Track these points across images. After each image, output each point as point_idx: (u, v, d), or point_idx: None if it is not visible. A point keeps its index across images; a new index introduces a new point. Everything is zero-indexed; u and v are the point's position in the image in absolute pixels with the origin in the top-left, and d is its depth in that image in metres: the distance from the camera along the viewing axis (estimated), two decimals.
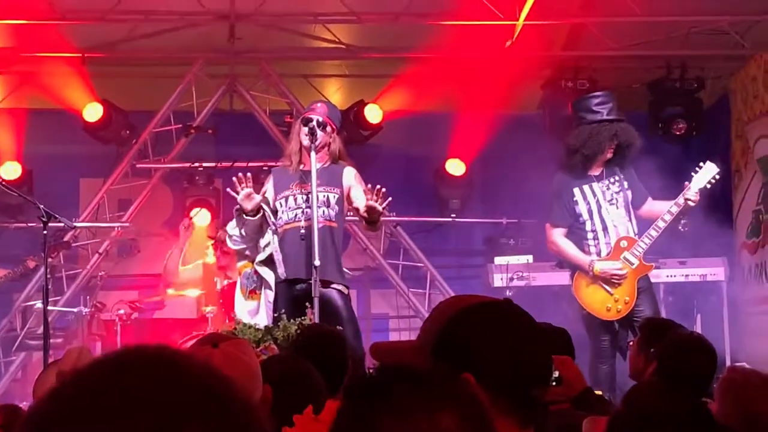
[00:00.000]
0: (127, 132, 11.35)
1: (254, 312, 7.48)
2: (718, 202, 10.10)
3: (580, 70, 11.21)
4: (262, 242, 7.56)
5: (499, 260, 10.60)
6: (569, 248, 8.20)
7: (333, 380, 4.16)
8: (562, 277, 9.10)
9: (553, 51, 11.25)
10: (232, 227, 7.64)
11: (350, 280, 11.37)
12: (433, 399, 1.64)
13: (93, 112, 11.03)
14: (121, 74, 11.60)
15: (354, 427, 1.66)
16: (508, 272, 10.17)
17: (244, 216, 7.40)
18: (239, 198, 7.30)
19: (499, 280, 10.27)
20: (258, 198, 7.40)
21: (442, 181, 11.82)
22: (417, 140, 11.50)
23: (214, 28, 10.87)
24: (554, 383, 3.57)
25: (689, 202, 8.04)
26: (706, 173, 8.09)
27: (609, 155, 8.18)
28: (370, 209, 7.19)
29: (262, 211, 7.41)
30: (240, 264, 7.74)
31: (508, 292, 9.74)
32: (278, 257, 7.45)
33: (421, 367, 1.77)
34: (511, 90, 10.85)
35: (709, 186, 8.11)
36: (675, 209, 8.07)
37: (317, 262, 7.09)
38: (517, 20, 10.15)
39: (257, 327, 6.77)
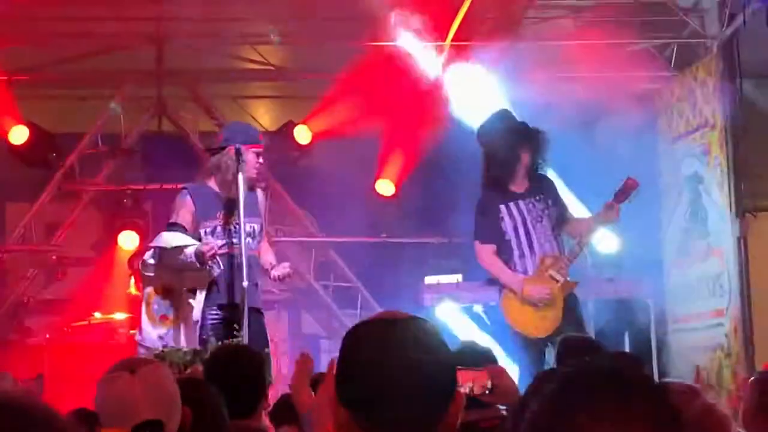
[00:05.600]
0: (54, 155, 11.23)
1: (167, 336, 7.42)
2: (646, 219, 10.21)
3: None
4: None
5: (429, 279, 10.62)
6: (498, 267, 8.24)
7: (245, 401, 4.13)
8: (491, 296, 9.15)
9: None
10: (150, 256, 7.56)
11: (280, 300, 11.40)
12: (631, 407, 1.65)
13: (19, 134, 10.90)
14: (47, 96, 11.49)
15: (550, 420, 1.67)
16: (439, 291, 10.20)
17: (192, 260, 7.28)
18: (217, 251, 7.20)
19: (429, 300, 10.28)
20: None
21: (372, 201, 11.84)
22: (347, 161, 11.50)
23: (142, 49, 10.82)
24: (487, 392, 3.61)
25: (611, 219, 8.14)
26: (627, 189, 8.17)
27: (525, 160, 8.20)
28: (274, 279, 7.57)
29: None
30: (148, 290, 7.63)
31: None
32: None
33: (626, 372, 1.75)
34: (440, 110, 10.91)
35: (629, 202, 8.19)
36: (597, 226, 8.17)
37: (245, 283, 7.14)
38: (444, 41, 10.23)
39: (185, 350, 6.74)
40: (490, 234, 8.23)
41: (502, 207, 8.21)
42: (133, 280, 10.27)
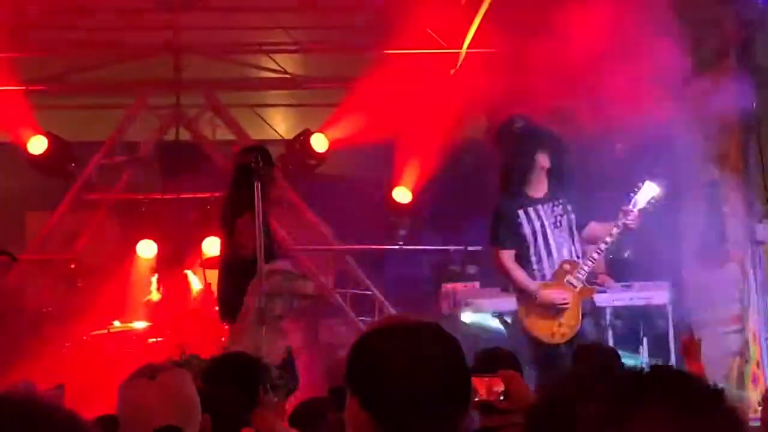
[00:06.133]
0: (72, 164, 11.28)
1: None
2: (663, 224, 10.19)
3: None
4: None
5: (446, 287, 10.64)
6: (516, 272, 8.21)
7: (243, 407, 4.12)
8: (509, 303, 9.14)
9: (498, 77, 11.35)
10: None
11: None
12: (690, 417, 1.59)
13: (38, 145, 10.96)
14: (65, 106, 11.55)
15: (610, 425, 1.62)
16: (456, 298, 10.21)
17: None
18: None
19: (446, 307, 10.29)
20: None
21: (389, 209, 11.85)
22: (363, 169, 11.55)
23: (160, 59, 10.87)
24: (501, 398, 3.61)
25: (629, 225, 8.10)
26: (646, 193, 8.13)
27: (544, 164, 8.18)
28: None
29: None
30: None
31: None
32: None
33: (694, 381, 1.68)
34: (456, 117, 10.93)
35: (649, 207, 8.16)
36: (615, 231, 8.13)
37: None
38: (461, 48, 10.25)
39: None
40: (509, 239, 8.19)
41: (521, 212, 8.17)
42: (155, 285, 10.33)
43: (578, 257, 8.22)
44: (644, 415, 1.60)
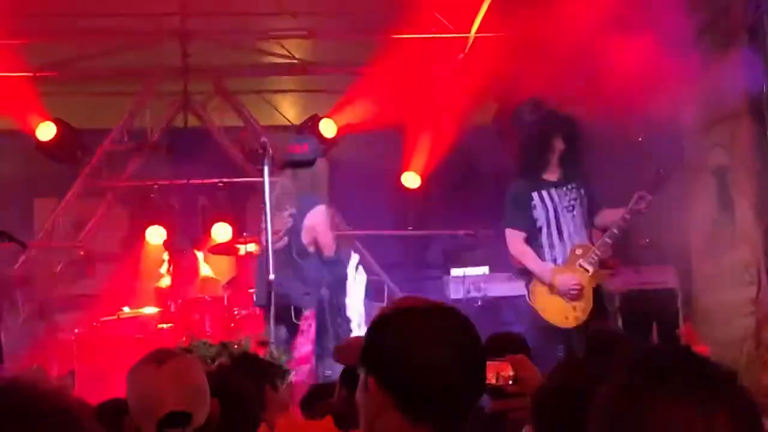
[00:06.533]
0: (80, 151, 11.29)
1: None
2: (673, 208, 10.17)
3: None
4: None
5: (455, 272, 10.63)
6: (529, 256, 8.19)
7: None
8: (518, 288, 9.13)
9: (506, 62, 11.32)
10: None
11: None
12: (713, 396, 1.61)
13: (46, 131, 10.97)
14: (73, 93, 11.54)
15: (626, 405, 1.63)
16: (465, 284, 10.21)
17: None
18: None
19: (456, 292, 10.29)
20: None
21: (398, 194, 11.84)
22: (372, 154, 11.52)
23: (167, 45, 10.85)
24: (511, 383, 3.61)
25: (642, 211, 8.09)
26: (658, 181, 8.13)
27: (559, 148, 8.17)
28: None
29: None
30: None
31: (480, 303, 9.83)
32: None
33: (708, 362, 1.72)
34: (465, 102, 10.90)
35: (658, 193, 8.15)
36: (628, 216, 8.11)
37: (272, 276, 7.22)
38: (469, 33, 10.21)
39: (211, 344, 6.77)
40: (522, 221, 8.18)
41: (535, 195, 8.17)
42: (166, 269, 10.34)
43: (591, 241, 8.21)
44: (662, 396, 1.60)
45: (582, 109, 9.24)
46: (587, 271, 8.08)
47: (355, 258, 8.27)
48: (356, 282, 8.16)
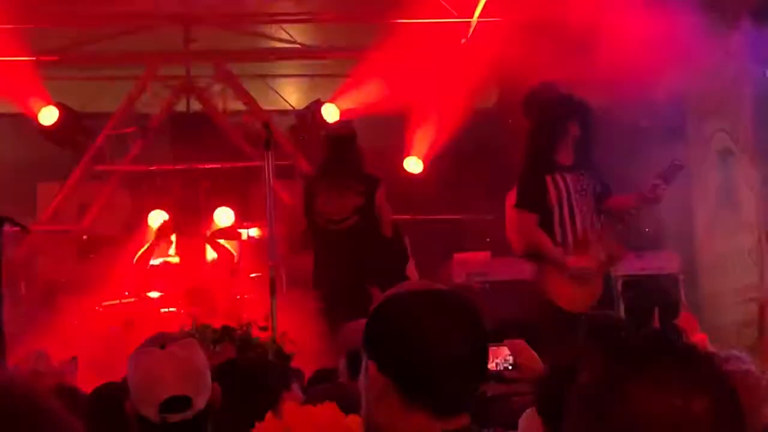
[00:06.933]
0: (83, 135, 11.28)
1: None
2: (676, 193, 10.16)
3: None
4: None
5: (458, 256, 10.62)
6: (542, 238, 8.16)
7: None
8: (521, 272, 9.13)
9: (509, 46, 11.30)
10: None
11: (310, 279, 11.40)
12: (691, 380, 1.61)
13: (48, 115, 10.96)
14: (75, 77, 11.54)
15: (605, 390, 1.64)
16: (467, 268, 10.20)
17: None
18: None
19: (458, 276, 10.29)
20: None
21: (400, 179, 11.82)
22: (374, 139, 11.49)
23: (170, 29, 10.84)
24: (510, 368, 3.62)
25: (655, 199, 8.06)
26: (673, 171, 8.09)
27: (573, 132, 8.14)
28: None
29: None
30: None
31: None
32: None
33: (685, 345, 1.75)
34: (468, 87, 10.88)
35: (672, 180, 8.12)
36: (641, 204, 8.09)
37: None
38: (472, 17, 10.19)
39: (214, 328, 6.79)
40: (534, 204, 8.14)
41: (548, 177, 8.14)
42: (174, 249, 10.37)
43: (601, 226, 8.21)
44: (641, 382, 1.61)
45: (584, 93, 9.23)
46: (599, 255, 8.08)
47: None
48: None
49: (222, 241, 10.66)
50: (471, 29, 10.32)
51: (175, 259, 10.36)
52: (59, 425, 1.16)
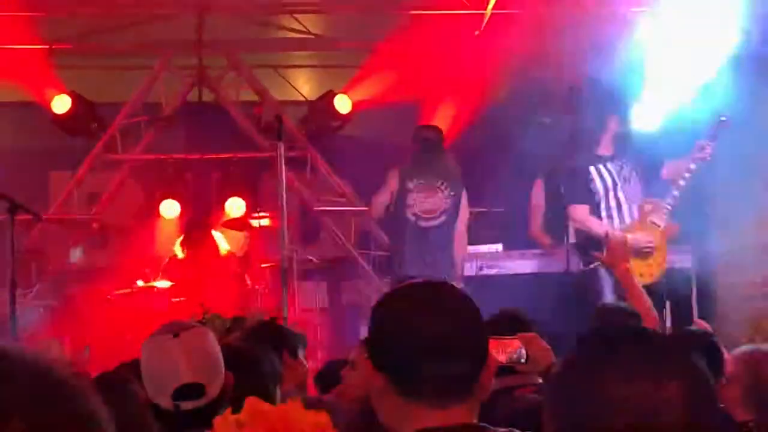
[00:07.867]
0: (95, 124, 11.29)
1: None
2: (690, 185, 10.12)
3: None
4: None
5: (469, 249, 10.59)
6: (597, 223, 8.32)
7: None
8: (531, 266, 9.18)
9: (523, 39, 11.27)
10: None
11: (321, 270, 11.42)
12: (662, 366, 1.64)
13: (61, 104, 10.97)
14: (88, 66, 11.55)
15: (579, 378, 1.67)
16: (478, 261, 10.18)
17: None
18: None
19: (469, 269, 10.26)
20: None
21: None
22: (387, 130, 11.50)
23: (183, 19, 10.83)
24: (522, 361, 3.62)
25: (704, 158, 8.08)
26: (719, 128, 8.07)
27: (614, 125, 8.28)
28: None
29: None
30: None
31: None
32: None
33: (657, 334, 1.79)
34: (481, 79, 10.86)
35: (718, 136, 8.08)
36: (693, 166, 8.11)
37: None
38: (486, 9, 10.17)
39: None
40: (582, 195, 8.34)
41: (592, 169, 8.31)
42: (178, 245, 10.37)
43: (652, 206, 8.30)
44: (614, 368, 1.64)
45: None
46: (659, 226, 8.18)
47: None
48: None
49: (232, 232, 10.69)
50: (484, 21, 10.29)
51: (181, 254, 10.37)
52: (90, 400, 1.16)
